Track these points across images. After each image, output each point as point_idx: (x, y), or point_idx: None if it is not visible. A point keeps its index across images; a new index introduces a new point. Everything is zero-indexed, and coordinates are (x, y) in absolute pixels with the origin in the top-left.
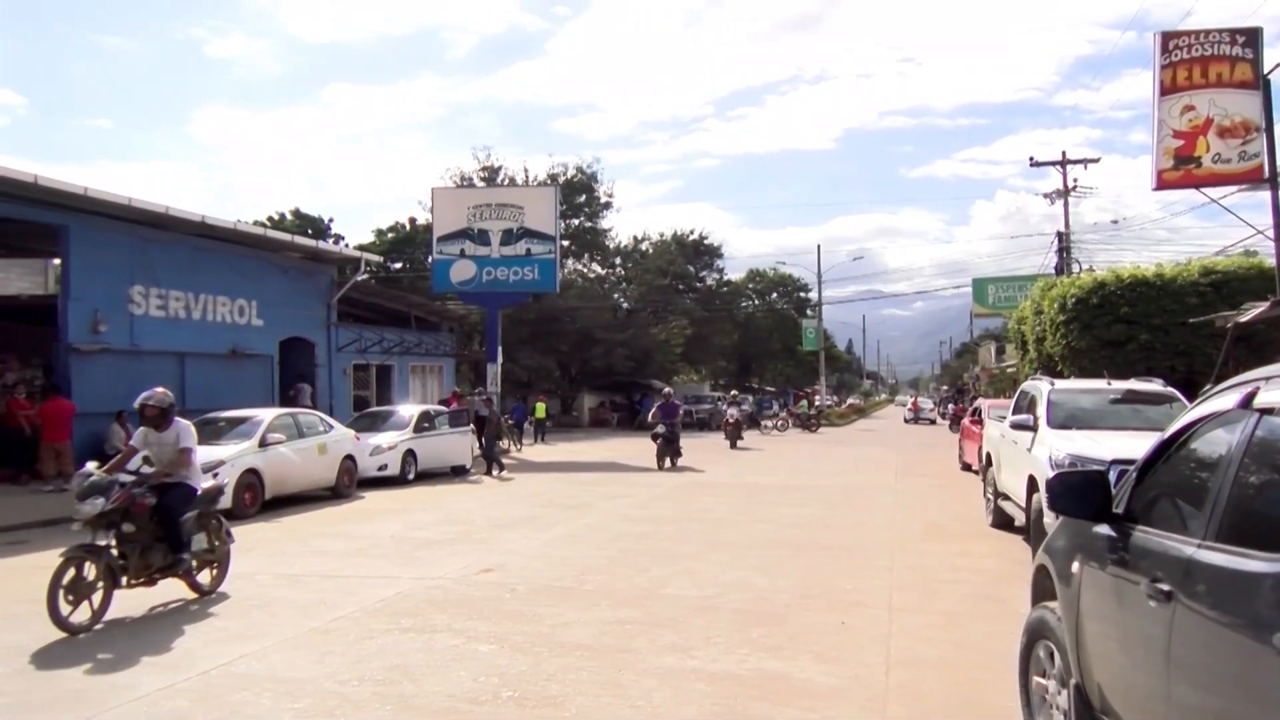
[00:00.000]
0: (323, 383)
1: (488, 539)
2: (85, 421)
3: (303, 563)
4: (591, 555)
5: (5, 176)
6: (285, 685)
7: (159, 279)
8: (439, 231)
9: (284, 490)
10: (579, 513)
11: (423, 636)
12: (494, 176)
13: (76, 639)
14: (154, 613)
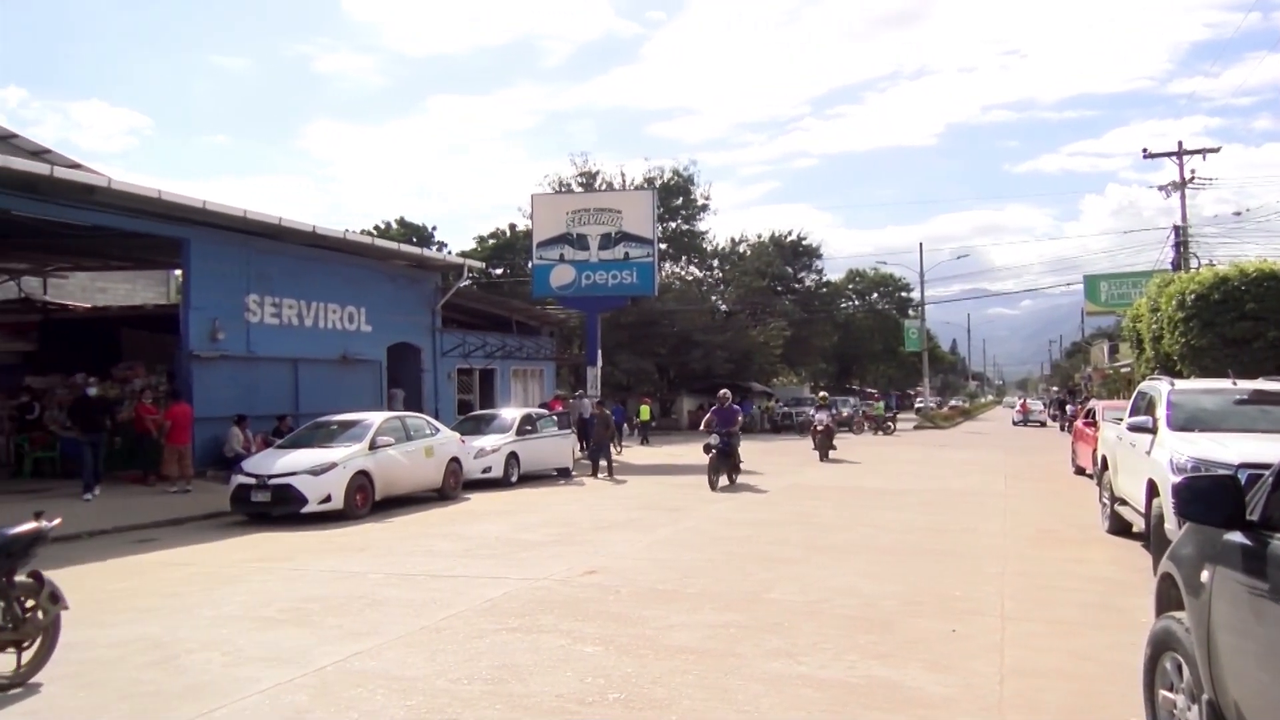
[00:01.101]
0: (428, 387)
1: (590, 541)
2: (205, 425)
3: (413, 562)
4: (694, 558)
5: (132, 193)
6: (398, 682)
7: (273, 288)
8: (538, 237)
9: (393, 492)
10: (680, 516)
11: (530, 637)
12: (591, 181)
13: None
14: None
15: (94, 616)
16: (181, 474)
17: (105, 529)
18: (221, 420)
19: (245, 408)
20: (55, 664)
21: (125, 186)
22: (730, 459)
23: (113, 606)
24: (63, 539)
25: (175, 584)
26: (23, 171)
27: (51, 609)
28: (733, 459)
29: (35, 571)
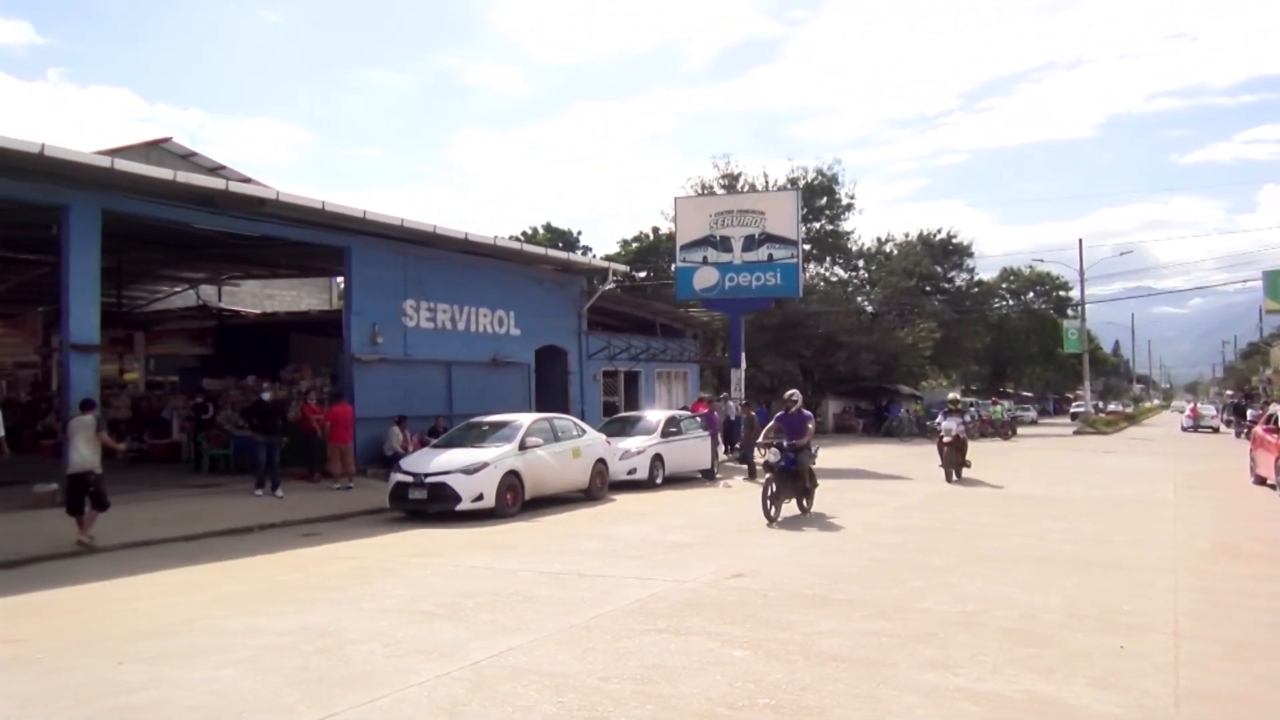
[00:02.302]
0: (574, 389)
1: (736, 544)
2: (366, 425)
3: (562, 562)
4: (843, 564)
5: (298, 204)
6: (550, 679)
7: (428, 293)
8: (681, 240)
9: (541, 492)
10: (828, 520)
11: (678, 638)
12: (734, 183)
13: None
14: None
15: (265, 606)
16: (344, 471)
17: (274, 523)
18: (381, 420)
19: (402, 408)
20: (231, 650)
21: (292, 198)
22: (798, 481)
23: (282, 596)
24: (238, 531)
25: (339, 576)
26: (202, 187)
27: None
28: (801, 481)
29: None
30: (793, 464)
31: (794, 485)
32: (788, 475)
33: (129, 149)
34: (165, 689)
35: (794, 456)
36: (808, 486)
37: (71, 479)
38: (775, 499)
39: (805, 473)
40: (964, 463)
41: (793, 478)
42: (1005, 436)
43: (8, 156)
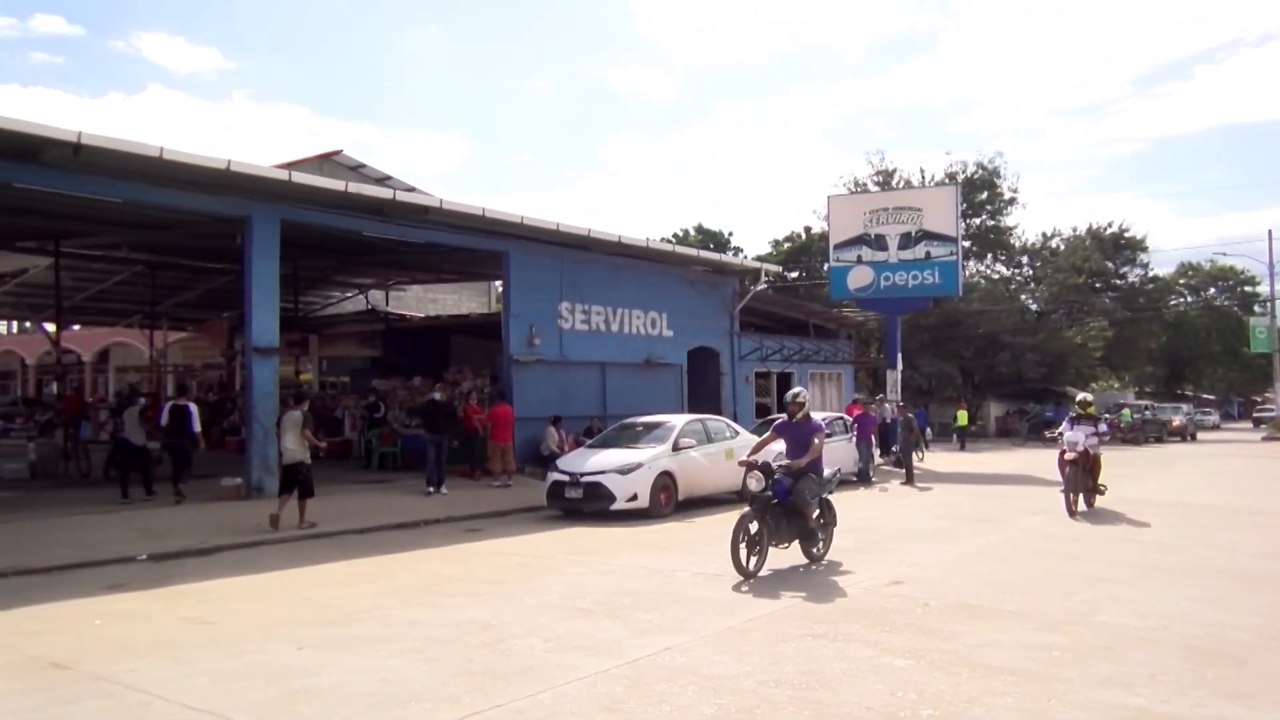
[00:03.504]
0: (726, 390)
1: (894, 550)
2: (524, 425)
3: (717, 563)
4: (1009, 573)
5: (460, 211)
6: (707, 680)
7: (583, 295)
8: (835, 238)
9: (695, 492)
10: (991, 527)
11: (836, 645)
12: (888, 180)
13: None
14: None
15: (431, 598)
16: (504, 469)
17: (439, 518)
18: (538, 420)
19: (559, 409)
20: (400, 639)
21: (454, 206)
22: (796, 520)
23: (447, 590)
24: (406, 526)
25: (500, 572)
26: (371, 197)
27: None
28: (803, 520)
29: None
30: (787, 495)
31: (790, 525)
32: (780, 512)
33: (303, 162)
34: (340, 674)
35: (789, 484)
36: (812, 527)
37: (285, 469)
38: (755, 543)
39: (807, 507)
40: (1096, 488)
41: (788, 514)
42: (1137, 443)
43: (198, 173)
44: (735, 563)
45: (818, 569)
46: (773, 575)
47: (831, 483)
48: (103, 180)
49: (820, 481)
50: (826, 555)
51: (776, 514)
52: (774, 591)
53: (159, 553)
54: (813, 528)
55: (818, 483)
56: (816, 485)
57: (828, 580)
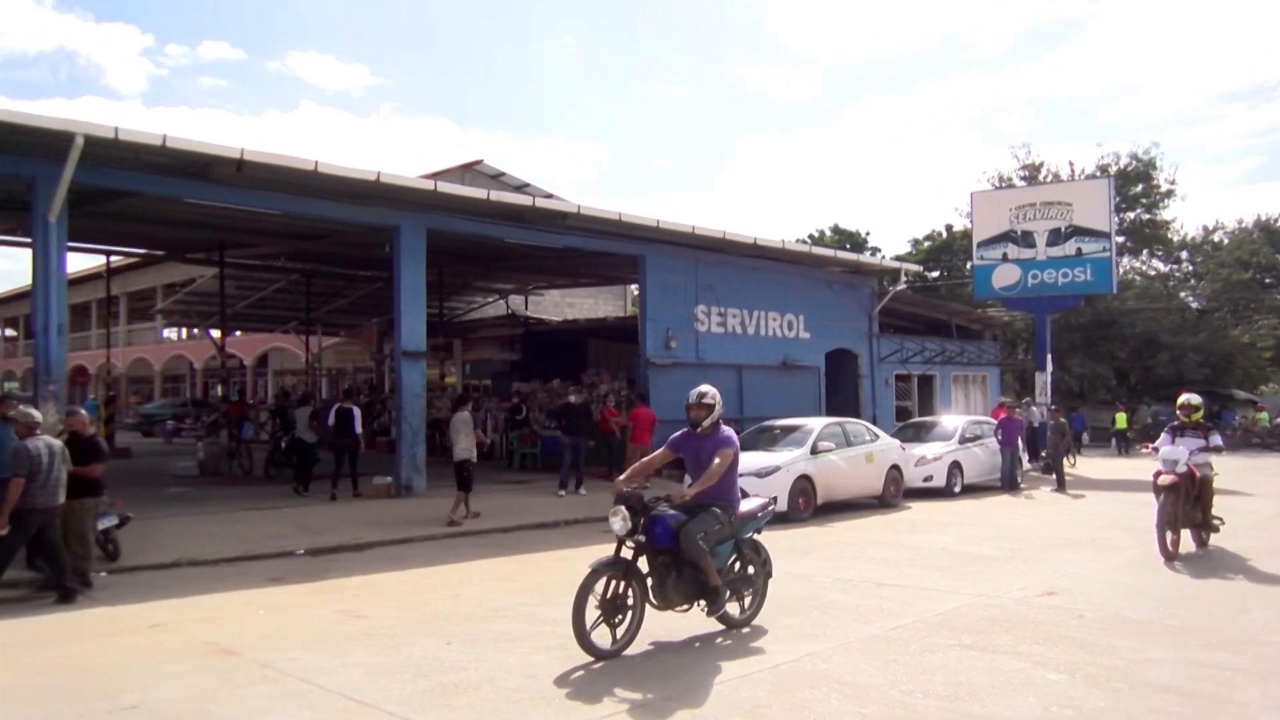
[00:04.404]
0: (865, 393)
1: (1046, 559)
2: (661, 428)
3: (857, 569)
4: (1171, 586)
5: (597, 216)
6: (851, 688)
7: (718, 298)
8: (979, 236)
9: (833, 497)
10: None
11: (986, 656)
12: (1035, 175)
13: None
14: None
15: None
16: None
17: (578, 519)
18: (675, 423)
19: None
20: (544, 637)
21: (591, 211)
22: (688, 572)
23: None
24: (546, 526)
25: None
26: (512, 204)
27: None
28: (696, 572)
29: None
30: (670, 538)
31: (685, 580)
32: (668, 562)
33: (446, 172)
34: (486, 669)
35: (673, 523)
36: (716, 585)
37: (456, 465)
38: (616, 608)
39: (701, 557)
40: (1207, 522)
41: (679, 565)
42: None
43: (350, 185)
44: (578, 635)
45: (725, 641)
46: (918, 584)
47: (757, 520)
48: (263, 194)
49: (727, 519)
50: (754, 618)
51: (662, 565)
52: (919, 600)
53: (316, 548)
54: (716, 586)
55: (722, 521)
56: (719, 525)
57: (974, 589)
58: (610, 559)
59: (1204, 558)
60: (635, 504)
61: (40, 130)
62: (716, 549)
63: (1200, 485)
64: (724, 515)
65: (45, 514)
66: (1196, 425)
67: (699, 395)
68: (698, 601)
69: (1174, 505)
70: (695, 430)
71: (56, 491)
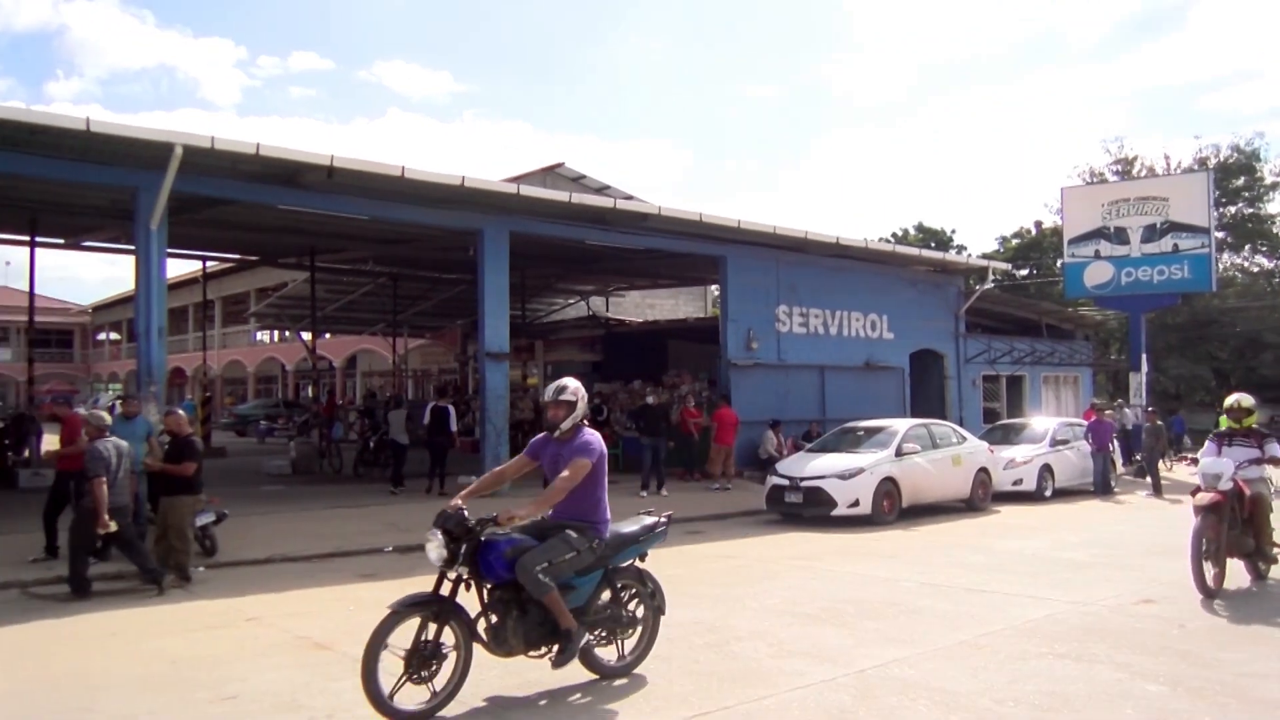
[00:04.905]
0: (952, 394)
1: (1142, 566)
2: (742, 429)
3: (945, 574)
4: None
5: (678, 217)
6: (940, 695)
7: (800, 298)
8: (1069, 233)
9: (919, 500)
10: None
11: (1080, 665)
12: (1129, 169)
13: (756, 622)
14: None
15: None
16: (724, 472)
17: None
18: (756, 424)
19: (776, 413)
20: None
21: (672, 212)
22: (538, 613)
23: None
24: None
25: (722, 574)
26: (594, 206)
27: None
28: (549, 614)
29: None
30: (505, 570)
31: (527, 623)
32: (507, 600)
33: (528, 175)
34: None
35: (509, 551)
36: (567, 628)
37: None
38: (426, 659)
39: (543, 593)
40: (1263, 550)
41: (520, 602)
42: None
43: (435, 190)
44: (371, 696)
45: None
46: (1007, 589)
47: (639, 544)
48: (352, 199)
49: (588, 545)
50: (637, 664)
51: (499, 603)
52: (1009, 606)
53: (403, 545)
54: (568, 630)
55: (579, 547)
56: (573, 553)
57: (1067, 596)
58: (418, 596)
59: (1259, 595)
60: (455, 527)
61: (143, 142)
62: (574, 581)
63: (1251, 505)
64: (582, 540)
65: (116, 512)
66: (1249, 431)
67: (556, 390)
68: (550, 647)
69: (1216, 529)
70: (552, 435)
71: (124, 490)
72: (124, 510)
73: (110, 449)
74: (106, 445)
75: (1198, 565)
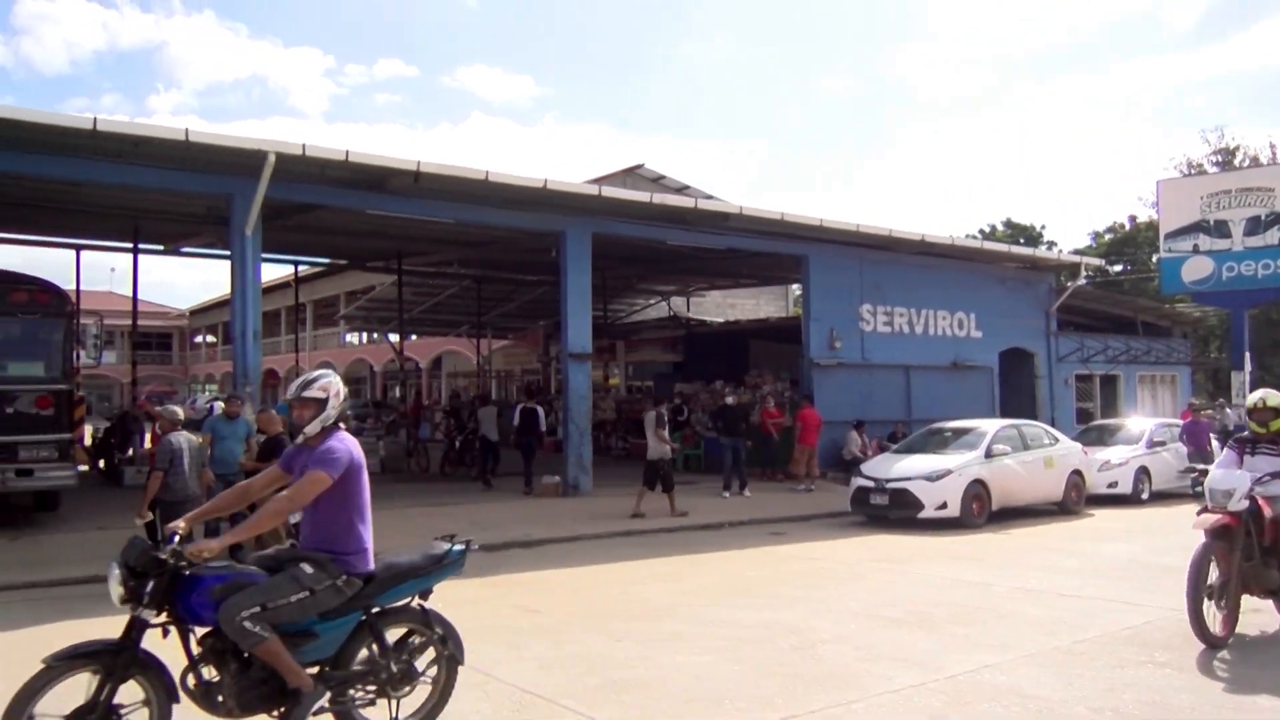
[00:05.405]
0: (1043, 394)
1: None
2: (825, 429)
3: (1037, 578)
4: None
5: (760, 216)
6: (1033, 703)
7: (884, 297)
8: (1166, 227)
9: (1009, 502)
10: None
11: (1182, 675)
12: (1230, 159)
13: (841, 625)
14: None
15: (739, 598)
16: (808, 473)
17: (742, 520)
18: (839, 424)
19: (860, 413)
20: (711, 638)
21: (754, 211)
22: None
23: (754, 591)
24: (710, 527)
25: (805, 576)
26: (674, 206)
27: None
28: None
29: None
30: (208, 611)
31: (249, 679)
32: (215, 644)
33: (608, 177)
34: (654, 668)
35: (217, 589)
36: (299, 685)
37: (647, 464)
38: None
39: (255, 644)
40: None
41: (237, 652)
42: None
43: (518, 192)
44: None
45: None
46: (1103, 595)
47: (420, 579)
48: (437, 203)
49: (329, 581)
50: None
51: (212, 653)
52: (1105, 612)
53: (490, 543)
54: (298, 689)
55: (315, 585)
56: (303, 593)
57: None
58: (91, 644)
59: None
60: (137, 560)
61: (238, 150)
62: (316, 627)
63: (1274, 529)
64: (320, 576)
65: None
66: (1277, 438)
67: (301, 385)
68: (280, 710)
69: (1226, 560)
70: (293, 440)
71: (193, 482)
72: (195, 500)
73: (181, 441)
74: (178, 438)
75: (1196, 606)
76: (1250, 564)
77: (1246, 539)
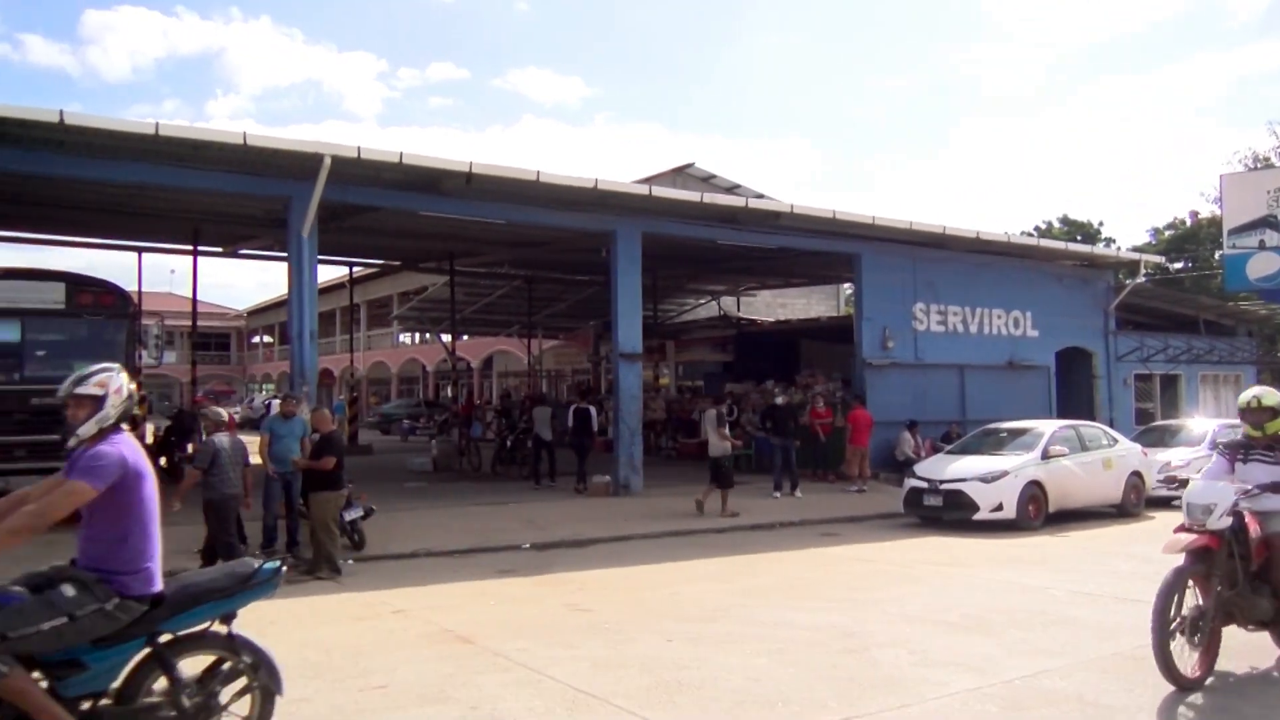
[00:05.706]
0: (1101, 394)
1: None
2: (878, 429)
3: (1096, 582)
4: None
5: (811, 215)
6: (1093, 709)
7: (938, 295)
8: (1230, 223)
9: (1067, 504)
10: None
11: (1253, 683)
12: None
13: (896, 628)
14: None
15: (792, 600)
16: (860, 474)
17: (794, 521)
18: (892, 425)
19: (914, 413)
20: (764, 639)
21: (805, 210)
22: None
23: (807, 593)
24: (762, 527)
25: (859, 578)
26: (725, 206)
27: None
28: None
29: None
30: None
31: None
32: None
33: (659, 177)
34: (708, 669)
35: None
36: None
37: (711, 461)
38: None
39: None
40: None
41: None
42: None
43: (569, 193)
44: None
45: None
46: None
47: (228, 599)
48: (489, 205)
49: (93, 604)
50: None
51: None
52: None
53: (541, 542)
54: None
55: (76, 609)
56: (60, 618)
57: None
58: None
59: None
60: None
61: (295, 154)
62: (86, 658)
63: (1265, 550)
64: (84, 599)
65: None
66: (1274, 442)
67: (75, 381)
68: None
69: (1203, 587)
70: (71, 443)
71: (235, 481)
72: (237, 498)
73: (225, 442)
74: (220, 439)
75: (1163, 642)
76: (1233, 592)
77: (1229, 562)
